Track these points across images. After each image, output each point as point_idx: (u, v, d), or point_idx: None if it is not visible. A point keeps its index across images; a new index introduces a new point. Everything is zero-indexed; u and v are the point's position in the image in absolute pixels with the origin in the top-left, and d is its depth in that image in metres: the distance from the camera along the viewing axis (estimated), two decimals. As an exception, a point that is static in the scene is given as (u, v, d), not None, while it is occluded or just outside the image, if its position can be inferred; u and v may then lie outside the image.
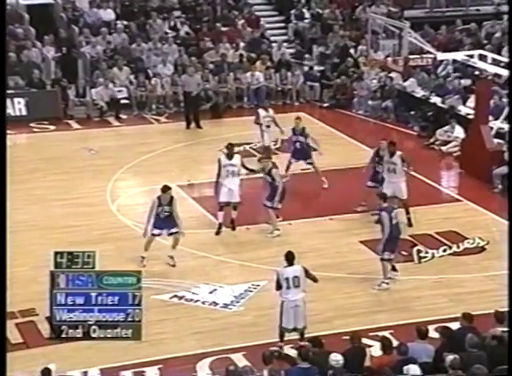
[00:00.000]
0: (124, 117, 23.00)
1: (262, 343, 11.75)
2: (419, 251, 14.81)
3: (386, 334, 11.57)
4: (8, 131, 21.14)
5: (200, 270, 14.22)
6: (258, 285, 13.60)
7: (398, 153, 15.66)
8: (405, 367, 9.63)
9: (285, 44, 25.99)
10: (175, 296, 13.34)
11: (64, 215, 16.36)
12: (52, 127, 22.05)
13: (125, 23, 25.39)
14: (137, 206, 16.95)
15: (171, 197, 14.13)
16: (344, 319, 12.57)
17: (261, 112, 18.83)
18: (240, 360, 11.40)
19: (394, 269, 13.85)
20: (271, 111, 18.94)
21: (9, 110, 22.07)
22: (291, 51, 25.85)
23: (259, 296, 13.27)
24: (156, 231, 14.15)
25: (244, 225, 15.80)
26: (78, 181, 18.15)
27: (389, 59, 23.76)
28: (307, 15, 26.99)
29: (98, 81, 23.28)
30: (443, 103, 21.73)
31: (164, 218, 14.04)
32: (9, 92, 22.10)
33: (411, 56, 22.87)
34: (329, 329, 12.05)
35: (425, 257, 14.68)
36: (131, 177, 18.74)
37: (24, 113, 22.36)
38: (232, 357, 11.57)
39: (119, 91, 23.14)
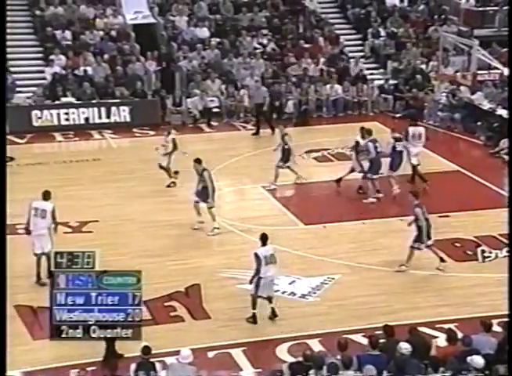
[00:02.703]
0: (215, 124, 23.08)
1: (336, 331, 11.59)
2: (483, 251, 14.44)
3: (451, 326, 11.25)
4: (113, 136, 22.10)
5: (280, 263, 14.01)
6: (333, 278, 13.46)
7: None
8: (468, 358, 9.39)
9: (362, 59, 25.74)
10: (258, 286, 13.27)
11: (159, 210, 16.43)
12: (152, 132, 22.25)
13: (218, 40, 25.54)
14: (225, 204, 16.95)
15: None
16: (412, 312, 12.29)
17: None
18: (316, 346, 11.28)
19: (442, 260, 13.71)
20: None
21: (115, 117, 22.57)
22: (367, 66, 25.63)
23: (334, 288, 13.13)
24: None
25: (321, 223, 15.72)
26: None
27: (458, 74, 23.46)
28: (382, 33, 26.69)
29: (192, 92, 23.49)
30: (509, 115, 21.15)
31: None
32: (115, 100, 22.79)
33: (479, 72, 22.34)
34: (397, 320, 11.74)
35: (489, 256, 14.29)
36: (221, 177, 18.68)
37: (128, 119, 22.70)
38: (308, 343, 11.45)
39: (211, 101, 23.32)
